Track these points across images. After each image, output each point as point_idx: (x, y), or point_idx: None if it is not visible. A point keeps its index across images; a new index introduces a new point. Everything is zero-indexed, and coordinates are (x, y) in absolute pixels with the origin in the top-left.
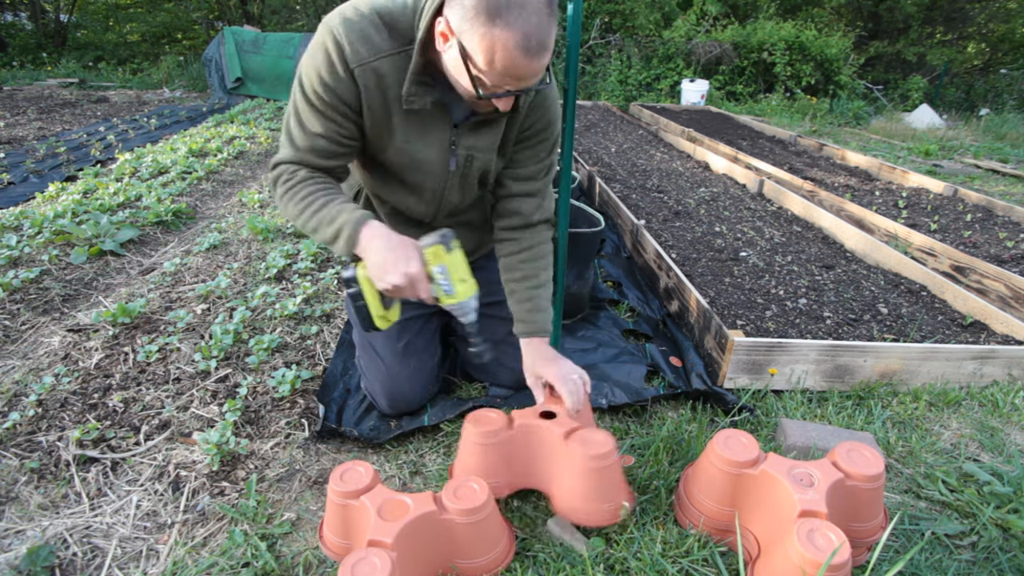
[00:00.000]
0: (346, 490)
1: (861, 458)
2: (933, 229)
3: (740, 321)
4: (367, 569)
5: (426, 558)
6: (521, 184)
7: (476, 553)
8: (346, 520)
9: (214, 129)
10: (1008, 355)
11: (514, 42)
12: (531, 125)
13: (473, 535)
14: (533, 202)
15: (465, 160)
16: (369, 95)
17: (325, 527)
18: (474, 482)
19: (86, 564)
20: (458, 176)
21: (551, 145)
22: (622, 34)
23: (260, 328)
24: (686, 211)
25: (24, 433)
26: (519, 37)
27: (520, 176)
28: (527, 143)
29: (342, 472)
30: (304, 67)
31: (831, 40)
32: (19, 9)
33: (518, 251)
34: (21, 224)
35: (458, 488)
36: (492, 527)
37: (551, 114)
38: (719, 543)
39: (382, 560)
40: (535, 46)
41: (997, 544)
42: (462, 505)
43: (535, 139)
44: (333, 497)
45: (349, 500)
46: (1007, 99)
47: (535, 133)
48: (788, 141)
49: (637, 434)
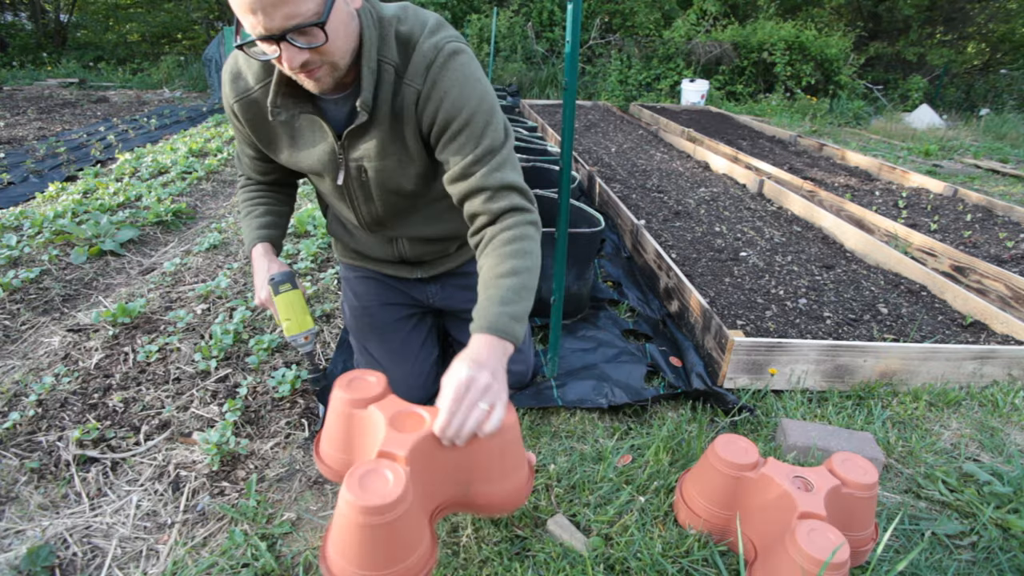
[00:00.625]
0: (354, 397)
1: (857, 467)
2: (933, 229)
3: (740, 321)
4: (378, 482)
5: (440, 480)
6: (458, 185)
7: (495, 478)
8: (350, 432)
9: (214, 129)
10: (1008, 355)
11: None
12: (434, 118)
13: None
14: (480, 197)
15: (356, 170)
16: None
17: (323, 440)
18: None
19: (86, 564)
20: (357, 187)
21: (477, 131)
22: (622, 34)
23: (260, 328)
24: (686, 211)
25: (24, 433)
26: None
27: (454, 176)
28: (443, 138)
29: (350, 379)
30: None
31: (831, 40)
32: (19, 9)
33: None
34: (21, 224)
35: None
36: (516, 451)
37: (454, 98)
38: (719, 543)
39: (395, 473)
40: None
41: (997, 544)
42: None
43: (449, 131)
44: (338, 405)
45: (356, 409)
46: (1007, 99)
47: (445, 125)
48: (788, 141)
49: (637, 434)
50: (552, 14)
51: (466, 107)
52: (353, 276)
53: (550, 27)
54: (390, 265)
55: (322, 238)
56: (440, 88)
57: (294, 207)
